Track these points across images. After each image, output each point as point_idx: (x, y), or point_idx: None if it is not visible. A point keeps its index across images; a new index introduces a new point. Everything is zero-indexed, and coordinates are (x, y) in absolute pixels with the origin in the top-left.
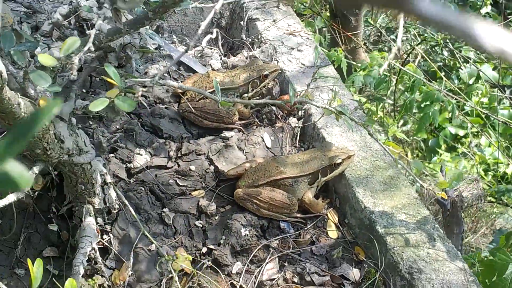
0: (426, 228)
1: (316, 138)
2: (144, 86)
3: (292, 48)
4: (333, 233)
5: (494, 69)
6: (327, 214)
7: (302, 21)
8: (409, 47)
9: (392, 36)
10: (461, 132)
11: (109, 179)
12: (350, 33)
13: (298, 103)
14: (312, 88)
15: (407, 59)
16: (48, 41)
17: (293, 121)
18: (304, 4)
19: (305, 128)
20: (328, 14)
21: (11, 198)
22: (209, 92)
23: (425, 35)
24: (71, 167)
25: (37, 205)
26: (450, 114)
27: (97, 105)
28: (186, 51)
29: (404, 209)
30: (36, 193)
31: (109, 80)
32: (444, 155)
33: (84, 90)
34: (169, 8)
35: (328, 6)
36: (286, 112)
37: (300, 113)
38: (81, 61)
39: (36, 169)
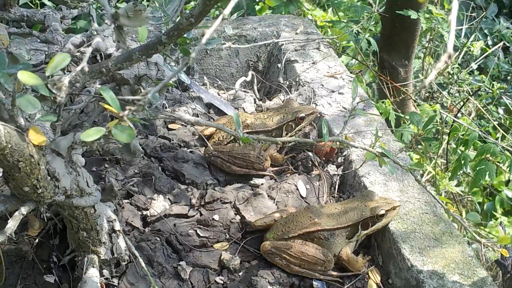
0: None
1: (357, 188)
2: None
3: (333, 91)
4: None
5: None
6: (368, 273)
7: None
8: (461, 103)
9: (445, 93)
10: None
11: (118, 226)
12: (399, 84)
13: (335, 143)
14: (353, 132)
15: (459, 114)
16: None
17: (331, 168)
18: (354, 58)
19: (344, 177)
20: (377, 67)
21: None
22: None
23: (480, 90)
24: (71, 210)
25: (36, 254)
26: (507, 175)
27: (91, 135)
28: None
29: (457, 269)
30: (36, 240)
31: (107, 107)
32: (502, 219)
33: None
34: (185, 32)
35: (376, 58)
36: (324, 158)
37: (340, 159)
38: (90, 94)
39: (24, 210)
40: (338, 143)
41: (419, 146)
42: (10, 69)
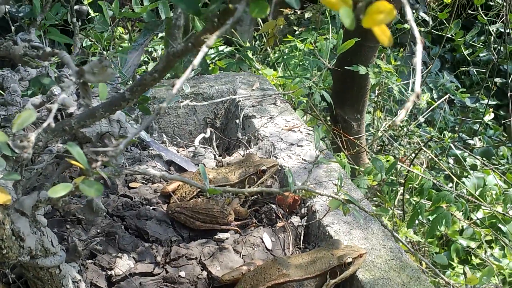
0: None
1: (322, 238)
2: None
3: (292, 144)
4: None
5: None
6: None
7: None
8: (414, 154)
9: (396, 144)
10: (473, 244)
11: (83, 287)
12: (353, 137)
13: (300, 192)
14: (315, 183)
15: (411, 165)
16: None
17: (295, 219)
18: (303, 110)
19: (309, 227)
20: (330, 121)
21: None
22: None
23: (432, 140)
24: (36, 271)
25: None
26: (461, 224)
27: (58, 191)
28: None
29: None
30: None
31: (74, 162)
32: (458, 268)
33: None
34: (149, 87)
35: (329, 112)
36: (287, 210)
37: (303, 210)
38: (53, 153)
39: None
40: (302, 192)
41: (375, 199)
42: None
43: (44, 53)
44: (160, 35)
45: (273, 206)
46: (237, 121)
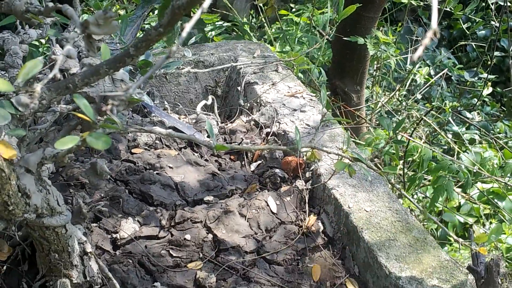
0: None
1: (327, 201)
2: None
3: (295, 110)
4: None
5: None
6: (345, 284)
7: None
8: (414, 126)
9: (394, 119)
10: (471, 220)
11: (89, 248)
12: (353, 108)
13: (304, 155)
14: (319, 147)
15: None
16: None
17: (300, 183)
18: (303, 81)
19: (314, 191)
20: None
21: None
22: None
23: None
24: (42, 231)
25: (5, 282)
26: (458, 202)
27: (66, 143)
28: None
29: (435, 273)
30: (4, 267)
31: (80, 115)
32: (456, 245)
33: None
34: (153, 43)
35: (328, 84)
36: (291, 174)
37: (308, 174)
38: (56, 115)
39: None
40: (307, 155)
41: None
42: None
43: (47, 9)
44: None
45: (277, 170)
46: (239, 88)
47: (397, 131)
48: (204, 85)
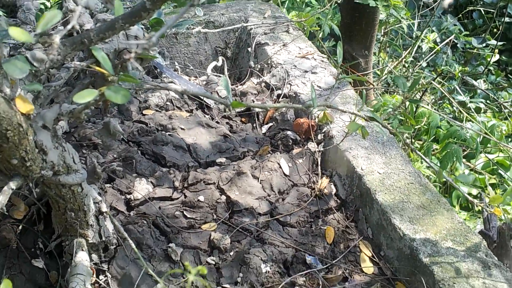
0: (478, 255)
1: (340, 163)
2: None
3: (306, 71)
4: (368, 269)
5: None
6: (359, 246)
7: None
8: (422, 92)
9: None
10: (474, 191)
11: (104, 208)
12: (361, 73)
13: (316, 117)
14: (331, 109)
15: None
16: None
17: (312, 145)
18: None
19: (325, 153)
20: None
21: None
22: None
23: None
24: (58, 189)
25: (21, 241)
26: (462, 172)
27: (84, 96)
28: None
29: (449, 235)
30: (20, 227)
31: (98, 69)
32: (461, 215)
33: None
34: None
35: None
36: (303, 136)
37: (320, 136)
38: (70, 71)
39: (13, 185)
40: (319, 117)
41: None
42: None
43: None
44: None
45: (289, 132)
46: (249, 49)
47: (413, 89)
48: (214, 46)
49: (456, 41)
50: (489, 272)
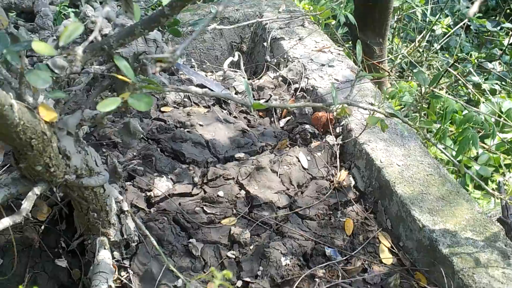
0: (497, 245)
1: (358, 156)
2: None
3: (323, 65)
4: (387, 260)
5: None
6: (378, 238)
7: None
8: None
9: (417, 69)
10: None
11: (125, 206)
12: (376, 61)
13: (335, 110)
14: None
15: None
16: None
17: (330, 139)
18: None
19: (344, 146)
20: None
21: (5, 222)
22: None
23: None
24: (81, 191)
25: (43, 241)
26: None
27: (107, 105)
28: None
29: (469, 226)
30: (43, 227)
31: (120, 77)
32: (474, 194)
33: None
34: (188, 2)
35: (350, 36)
36: (322, 130)
37: (338, 130)
38: (89, 76)
39: (37, 190)
40: (337, 111)
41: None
42: (15, 47)
43: None
44: None
45: (307, 126)
46: (265, 44)
47: (435, 83)
48: (229, 42)
49: (469, 23)
50: (508, 261)
